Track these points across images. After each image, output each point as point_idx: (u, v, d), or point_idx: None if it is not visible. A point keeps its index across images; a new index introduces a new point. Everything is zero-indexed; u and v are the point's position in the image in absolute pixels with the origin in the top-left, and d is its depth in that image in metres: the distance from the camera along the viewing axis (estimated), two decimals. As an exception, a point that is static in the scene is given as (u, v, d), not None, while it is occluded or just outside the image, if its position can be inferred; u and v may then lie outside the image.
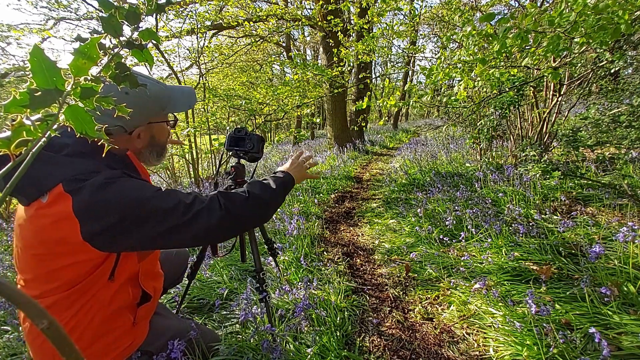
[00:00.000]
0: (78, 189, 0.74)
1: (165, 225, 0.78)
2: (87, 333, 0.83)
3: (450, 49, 2.49)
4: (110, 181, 0.76)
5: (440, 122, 8.62)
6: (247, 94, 5.75)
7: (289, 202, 3.48)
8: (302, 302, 1.41)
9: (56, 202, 0.73)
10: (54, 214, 0.73)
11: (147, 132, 0.93)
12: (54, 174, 0.75)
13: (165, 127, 1.00)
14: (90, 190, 0.74)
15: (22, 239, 0.80)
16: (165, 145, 1.02)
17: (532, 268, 1.70)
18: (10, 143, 0.32)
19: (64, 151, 0.79)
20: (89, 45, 0.29)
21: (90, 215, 0.73)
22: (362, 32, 5.97)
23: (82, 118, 0.31)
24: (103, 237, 0.75)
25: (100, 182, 0.75)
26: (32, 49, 0.28)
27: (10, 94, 0.35)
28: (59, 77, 0.28)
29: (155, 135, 0.96)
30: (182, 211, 0.80)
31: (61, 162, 0.77)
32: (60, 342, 0.32)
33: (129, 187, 0.78)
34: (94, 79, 0.32)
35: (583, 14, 1.31)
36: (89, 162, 0.79)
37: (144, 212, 0.76)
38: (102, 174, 0.77)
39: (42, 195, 0.75)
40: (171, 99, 0.95)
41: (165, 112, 0.96)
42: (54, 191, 0.74)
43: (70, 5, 5.39)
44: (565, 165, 2.81)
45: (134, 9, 0.36)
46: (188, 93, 1.00)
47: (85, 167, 0.78)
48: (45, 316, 0.30)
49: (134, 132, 0.89)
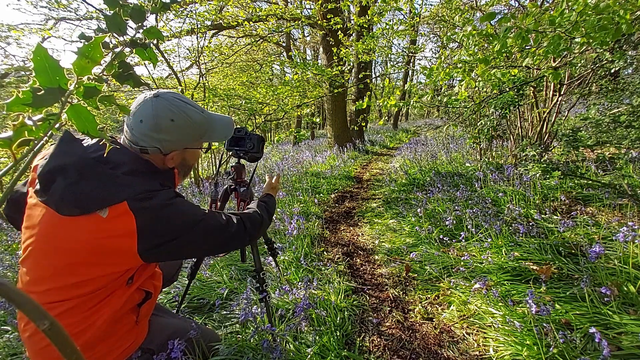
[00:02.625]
0: (141, 209, 0.79)
1: (208, 244, 0.91)
2: (96, 334, 0.83)
3: (450, 48, 2.49)
4: (169, 202, 0.84)
5: (440, 122, 8.63)
6: (247, 94, 5.75)
7: (289, 202, 3.48)
8: (302, 302, 1.41)
9: (118, 218, 0.77)
10: (116, 229, 0.77)
11: (180, 155, 0.97)
12: (118, 191, 0.79)
13: (198, 152, 1.05)
14: (152, 211, 0.80)
15: (58, 248, 0.79)
16: (192, 167, 1.08)
17: (532, 268, 1.70)
18: (12, 143, 0.31)
19: (122, 169, 0.83)
20: (92, 44, 0.29)
21: (150, 233, 0.80)
22: (362, 31, 5.97)
23: (84, 117, 0.31)
24: (155, 252, 0.82)
25: (160, 204, 0.82)
26: (35, 48, 0.28)
27: (10, 94, 0.35)
28: (62, 76, 0.28)
29: (187, 158, 1.00)
30: (223, 233, 0.93)
31: (123, 180, 0.81)
32: (61, 343, 0.32)
33: (185, 209, 0.87)
34: (97, 78, 0.31)
35: (584, 14, 1.31)
36: (148, 182, 0.85)
37: (195, 232, 0.86)
38: (160, 195, 0.84)
39: (101, 210, 0.77)
40: (209, 130, 1.00)
41: (202, 141, 1.01)
42: (118, 208, 0.77)
43: (70, 5, 5.38)
44: (565, 165, 2.81)
45: (140, 7, 0.36)
46: (227, 124, 1.05)
47: (146, 186, 0.83)
48: (46, 317, 0.30)
49: (169, 155, 0.92)
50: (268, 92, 5.25)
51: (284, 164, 5.80)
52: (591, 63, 2.79)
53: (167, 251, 0.84)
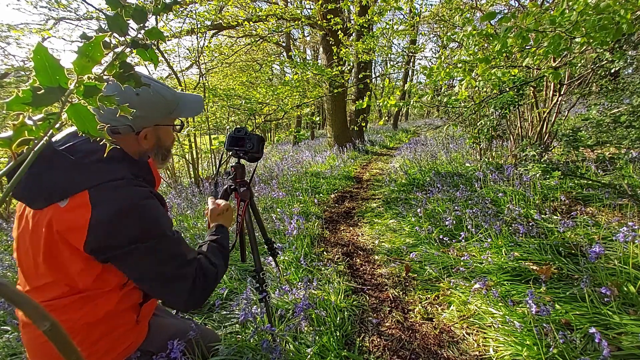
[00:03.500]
0: (102, 201, 0.74)
1: (160, 268, 0.82)
2: (93, 331, 0.83)
3: (450, 48, 2.49)
4: (136, 202, 0.78)
5: (440, 122, 8.63)
6: (247, 94, 5.75)
7: (289, 203, 3.48)
8: (302, 302, 1.41)
9: (75, 209, 0.74)
10: (70, 220, 0.73)
11: (154, 134, 0.94)
12: (81, 179, 0.76)
13: (171, 131, 1.02)
14: (113, 205, 0.75)
15: (31, 244, 0.79)
16: (170, 149, 1.05)
17: (532, 268, 1.70)
18: (12, 142, 0.31)
19: (92, 157, 0.79)
20: (93, 43, 0.29)
21: (102, 231, 0.74)
22: (362, 31, 5.97)
23: (84, 117, 0.31)
24: (103, 255, 0.77)
25: (125, 199, 0.77)
26: (35, 47, 0.28)
27: (10, 94, 0.35)
28: (62, 76, 0.28)
29: (161, 137, 0.97)
30: (179, 263, 0.84)
31: (88, 167, 0.77)
32: (61, 344, 0.32)
33: (152, 216, 0.80)
34: (98, 78, 0.31)
35: (584, 14, 1.31)
36: (119, 170, 0.81)
37: (150, 248, 0.79)
38: (129, 189, 0.79)
39: (62, 200, 0.74)
40: (179, 104, 0.98)
41: (172, 116, 0.98)
42: (77, 198, 0.74)
43: (70, 5, 5.38)
44: (565, 165, 2.81)
45: (142, 8, 0.36)
46: (196, 100, 1.03)
47: (115, 174, 0.79)
48: (46, 318, 0.30)
49: (141, 133, 0.90)
50: (268, 92, 5.25)
51: (283, 164, 5.80)
52: (591, 63, 2.79)
53: (115, 257, 0.77)
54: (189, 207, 3.46)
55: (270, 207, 3.35)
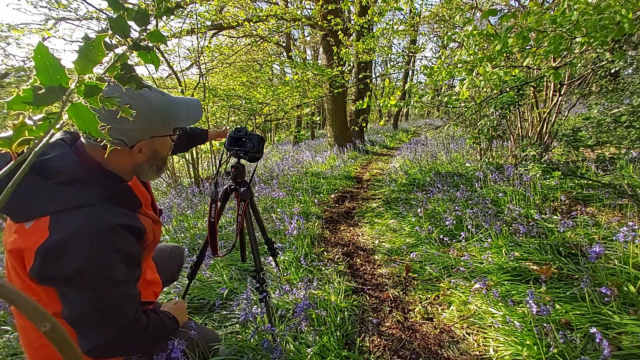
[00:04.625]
0: (58, 228, 0.71)
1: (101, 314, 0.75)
2: None
3: (450, 48, 2.49)
4: (90, 234, 0.72)
5: (440, 122, 8.63)
6: (247, 94, 5.75)
7: (289, 203, 3.48)
8: (302, 302, 1.41)
9: (35, 232, 0.71)
10: (28, 242, 0.71)
11: (149, 147, 0.88)
12: (45, 203, 0.73)
13: (168, 140, 0.95)
14: (65, 232, 0.71)
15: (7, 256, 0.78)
16: (166, 159, 0.99)
17: (532, 268, 1.70)
18: (12, 142, 0.31)
19: (57, 178, 0.75)
20: (94, 43, 0.29)
21: (47, 259, 0.70)
22: (362, 31, 5.97)
23: (85, 117, 0.31)
24: (46, 283, 0.73)
25: (81, 226, 0.72)
26: (36, 47, 0.28)
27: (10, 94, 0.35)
28: (63, 75, 0.28)
29: (157, 149, 0.91)
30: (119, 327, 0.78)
31: (54, 191, 0.74)
32: (61, 344, 0.32)
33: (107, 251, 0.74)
34: (99, 78, 0.31)
35: (585, 13, 1.31)
36: (82, 192, 0.76)
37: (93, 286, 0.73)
38: (93, 217, 0.74)
39: (28, 221, 0.73)
40: (175, 112, 0.89)
41: (168, 125, 0.90)
42: (41, 221, 0.72)
43: (70, 5, 5.38)
44: (565, 165, 2.81)
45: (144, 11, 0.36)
46: (193, 106, 0.95)
47: (79, 199, 0.75)
48: (46, 319, 0.30)
49: (135, 147, 0.84)
50: (268, 92, 5.25)
51: (284, 163, 5.80)
52: (591, 63, 2.79)
53: (55, 287, 0.73)
54: (189, 207, 3.46)
55: (270, 207, 3.35)
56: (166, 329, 0.97)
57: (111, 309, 0.77)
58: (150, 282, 1.08)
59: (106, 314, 0.76)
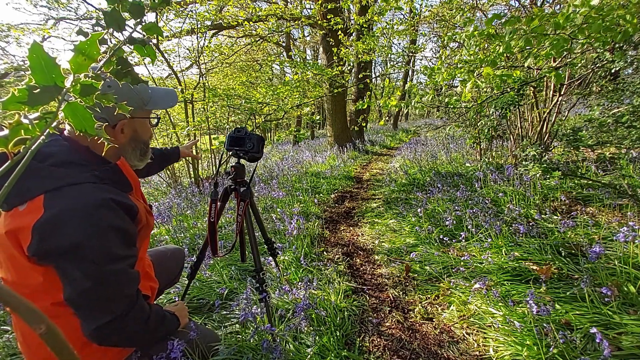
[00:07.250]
0: (54, 204, 0.72)
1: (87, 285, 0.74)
2: None
3: (451, 48, 2.48)
4: (85, 209, 0.74)
5: (440, 122, 8.63)
6: (247, 94, 5.75)
7: (289, 203, 3.48)
8: (302, 302, 1.41)
9: (30, 213, 0.73)
10: (23, 223, 0.72)
11: (130, 127, 0.94)
12: (37, 184, 0.75)
13: (148, 124, 1.02)
14: (62, 207, 0.72)
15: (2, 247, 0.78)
16: (149, 144, 1.05)
17: (532, 268, 1.70)
18: (8, 142, 0.31)
19: (49, 160, 0.77)
20: (89, 41, 0.29)
21: (44, 233, 0.71)
22: (362, 31, 5.97)
23: (81, 115, 0.31)
24: (45, 260, 0.73)
25: (75, 202, 0.73)
26: (31, 46, 0.28)
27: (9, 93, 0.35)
28: (59, 74, 0.28)
29: (138, 130, 0.97)
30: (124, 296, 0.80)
31: (47, 172, 0.76)
32: (58, 346, 0.31)
33: (101, 226, 0.75)
34: (94, 76, 0.31)
35: (589, 18, 1.30)
36: (77, 173, 0.78)
37: (89, 262, 0.73)
38: (86, 194, 0.76)
39: (22, 204, 0.74)
40: (152, 96, 0.98)
41: (147, 108, 0.98)
42: (34, 202, 0.73)
43: (69, 5, 5.38)
44: (566, 165, 2.81)
45: (139, 2, 0.35)
46: (169, 92, 1.03)
47: (71, 179, 0.77)
48: (42, 320, 0.30)
49: (117, 126, 0.90)
50: (268, 92, 5.24)
51: (283, 163, 5.80)
52: (591, 63, 2.78)
53: (55, 263, 0.73)
54: (188, 207, 3.45)
55: (270, 207, 3.35)
56: (167, 326, 0.98)
57: (113, 284, 0.77)
58: (149, 275, 1.07)
59: (108, 289, 0.77)
